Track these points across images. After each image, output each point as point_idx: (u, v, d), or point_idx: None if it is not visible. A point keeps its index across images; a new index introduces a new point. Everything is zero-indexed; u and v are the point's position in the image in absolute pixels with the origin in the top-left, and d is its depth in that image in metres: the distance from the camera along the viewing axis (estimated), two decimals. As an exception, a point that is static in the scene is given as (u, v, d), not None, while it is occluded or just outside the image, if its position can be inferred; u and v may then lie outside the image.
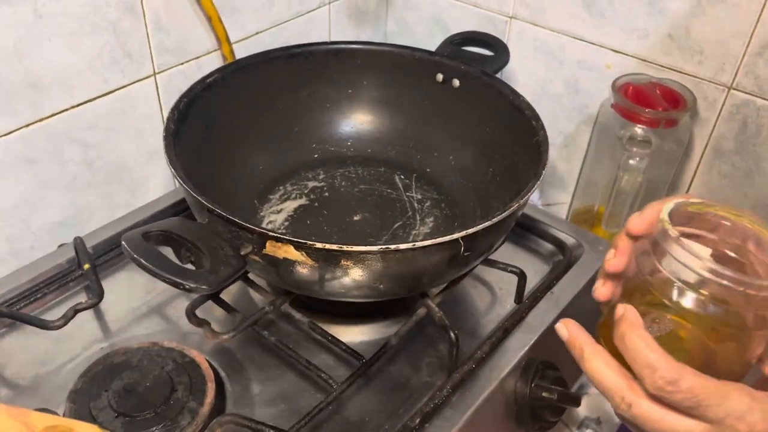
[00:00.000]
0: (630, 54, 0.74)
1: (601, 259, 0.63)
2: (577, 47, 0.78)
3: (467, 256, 0.48)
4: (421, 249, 0.45)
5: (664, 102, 0.67)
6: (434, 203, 0.65)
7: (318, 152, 0.70)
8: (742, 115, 0.71)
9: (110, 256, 0.62)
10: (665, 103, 0.67)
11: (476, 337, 0.57)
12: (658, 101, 0.67)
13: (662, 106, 0.67)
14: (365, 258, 0.45)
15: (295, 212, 0.63)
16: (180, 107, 0.56)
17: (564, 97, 0.82)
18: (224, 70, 0.62)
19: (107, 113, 0.66)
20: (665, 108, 0.67)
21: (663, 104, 0.67)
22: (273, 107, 0.66)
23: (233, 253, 0.43)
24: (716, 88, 0.71)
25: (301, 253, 0.44)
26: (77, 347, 0.54)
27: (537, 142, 0.55)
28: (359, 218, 0.63)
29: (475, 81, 0.64)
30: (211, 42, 0.72)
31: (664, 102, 0.67)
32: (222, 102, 0.62)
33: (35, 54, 0.58)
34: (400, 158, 0.69)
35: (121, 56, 0.65)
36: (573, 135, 0.84)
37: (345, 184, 0.67)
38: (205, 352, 0.53)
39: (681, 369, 0.34)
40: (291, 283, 0.49)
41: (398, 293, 0.51)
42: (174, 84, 0.70)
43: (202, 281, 0.40)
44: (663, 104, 0.67)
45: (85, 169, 0.67)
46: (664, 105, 0.67)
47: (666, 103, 0.67)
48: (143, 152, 0.71)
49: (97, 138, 0.66)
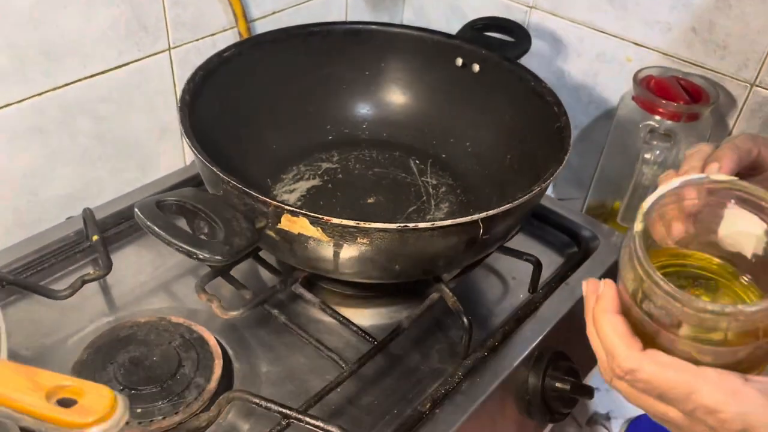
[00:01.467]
0: (652, 47, 0.73)
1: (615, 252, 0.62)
2: (597, 39, 0.77)
3: (485, 240, 0.47)
4: (440, 229, 0.44)
5: (686, 95, 0.66)
6: (449, 189, 0.64)
7: (333, 134, 0.69)
8: (764, 112, 0.70)
9: (119, 229, 0.61)
10: (687, 96, 0.66)
11: (488, 326, 0.56)
12: (680, 95, 0.66)
13: (684, 100, 0.66)
14: (382, 236, 0.44)
15: (308, 192, 0.62)
16: (196, 80, 0.55)
17: (581, 90, 0.81)
18: (242, 45, 0.61)
19: (120, 86, 0.65)
20: (687, 101, 0.65)
21: (685, 98, 0.66)
22: (289, 86, 0.65)
23: (248, 226, 0.42)
24: (738, 84, 0.70)
25: (317, 228, 0.43)
26: (84, 319, 0.53)
27: (559, 128, 0.54)
28: (372, 201, 0.62)
29: (496, 66, 0.63)
30: (227, 19, 0.71)
31: (686, 95, 0.66)
32: (238, 77, 0.61)
33: (50, 21, 0.57)
34: (415, 143, 0.68)
35: (137, 28, 0.64)
36: (589, 129, 0.83)
37: (359, 166, 0.66)
38: (212, 330, 0.52)
39: (641, 358, 0.32)
40: (304, 260, 0.48)
41: (413, 275, 0.50)
42: (188, 60, 0.69)
43: (216, 251, 0.39)
44: (685, 98, 0.66)
45: (96, 142, 0.66)
46: (686, 98, 0.66)
47: (688, 97, 0.66)
48: (155, 128, 0.70)
49: (110, 111, 0.65)
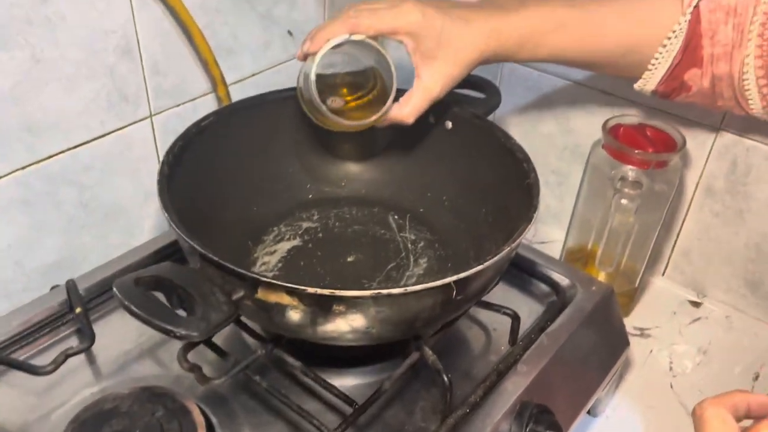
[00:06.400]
0: (620, 95, 0.76)
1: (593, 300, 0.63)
2: (568, 88, 0.79)
3: (459, 300, 0.48)
4: (413, 293, 0.45)
5: (654, 143, 0.68)
6: (428, 244, 0.66)
7: (312, 192, 0.70)
8: (732, 154, 0.72)
9: (103, 298, 0.61)
10: (655, 144, 0.68)
11: (471, 380, 0.57)
12: (649, 142, 0.68)
13: (652, 148, 0.68)
14: (358, 302, 0.45)
15: (288, 253, 0.63)
16: (175, 150, 0.57)
17: (556, 136, 0.83)
18: (219, 114, 0.63)
19: (103, 155, 0.66)
20: (655, 149, 0.67)
21: (653, 145, 0.68)
22: (268, 149, 0.67)
23: (225, 299, 0.43)
24: (705, 128, 0.72)
25: (293, 298, 0.44)
26: (67, 392, 0.54)
27: (528, 185, 0.56)
28: (353, 259, 0.63)
29: (467, 123, 0.65)
30: (207, 84, 0.73)
31: (654, 143, 0.68)
32: (217, 144, 0.62)
33: (32, 98, 0.59)
34: (393, 198, 0.70)
35: (118, 99, 0.65)
36: (566, 174, 0.85)
37: (339, 224, 0.67)
38: (197, 396, 0.53)
39: None
40: (283, 327, 0.49)
41: (391, 337, 0.51)
42: (170, 125, 0.71)
43: (192, 328, 0.40)
44: (653, 145, 0.68)
45: (81, 210, 0.67)
46: (655, 146, 0.68)
47: (656, 145, 0.68)
48: (139, 193, 0.72)
49: (93, 179, 0.67)
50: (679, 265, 0.82)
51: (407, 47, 0.56)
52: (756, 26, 0.54)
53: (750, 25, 0.54)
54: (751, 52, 0.55)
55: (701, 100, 0.61)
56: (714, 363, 0.73)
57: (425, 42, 0.55)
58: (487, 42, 0.57)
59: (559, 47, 0.60)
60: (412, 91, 0.58)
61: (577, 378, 0.60)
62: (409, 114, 0.58)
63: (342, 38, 0.54)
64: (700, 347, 0.75)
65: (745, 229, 0.74)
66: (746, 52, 0.55)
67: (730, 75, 0.57)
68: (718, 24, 0.56)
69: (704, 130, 0.72)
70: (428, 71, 0.56)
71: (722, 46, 0.56)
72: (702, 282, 0.81)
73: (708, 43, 0.56)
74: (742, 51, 0.55)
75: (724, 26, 0.56)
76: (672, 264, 0.82)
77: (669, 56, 0.58)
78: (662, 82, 0.60)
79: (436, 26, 0.55)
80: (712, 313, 0.79)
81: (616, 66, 0.62)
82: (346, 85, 0.61)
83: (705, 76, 0.58)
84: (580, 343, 0.60)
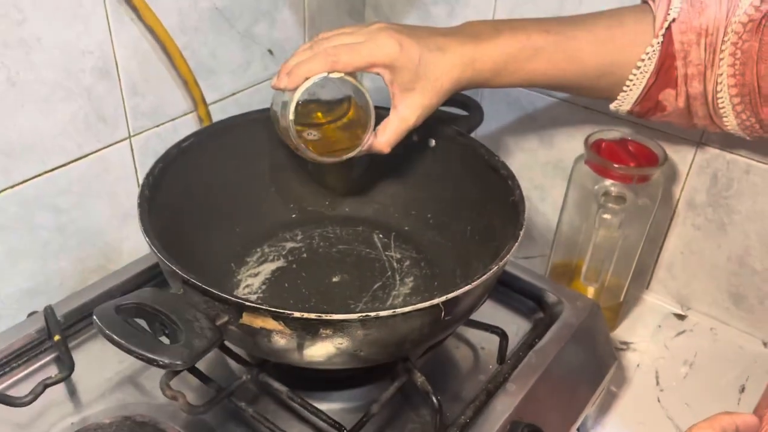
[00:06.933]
0: (600, 110, 0.76)
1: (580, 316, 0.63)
2: (549, 104, 0.80)
3: (448, 320, 0.48)
4: (401, 315, 0.44)
5: (636, 158, 0.68)
6: (413, 262, 0.65)
7: (296, 212, 0.69)
8: (713, 168, 0.72)
9: (83, 324, 0.60)
10: (637, 158, 0.68)
11: (460, 400, 0.56)
12: (631, 157, 0.69)
13: (634, 162, 0.68)
14: (345, 326, 0.44)
15: (272, 275, 0.62)
16: (155, 172, 0.56)
17: (538, 151, 0.84)
18: (200, 135, 0.62)
19: (80, 178, 0.65)
20: (638, 163, 0.68)
21: (635, 160, 0.68)
22: (250, 168, 0.66)
23: (209, 325, 0.42)
24: (686, 142, 0.73)
25: (279, 322, 0.43)
26: (47, 423, 0.52)
27: (514, 202, 0.55)
28: (338, 280, 0.63)
29: (451, 141, 0.65)
30: (187, 104, 0.72)
31: (636, 158, 0.68)
32: (198, 165, 0.61)
33: (8, 121, 0.57)
34: (378, 217, 0.69)
35: (95, 121, 0.64)
36: (549, 189, 0.85)
37: (323, 244, 0.67)
38: (181, 424, 0.51)
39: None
40: (269, 352, 0.48)
41: (379, 359, 0.50)
42: (149, 146, 0.70)
43: (176, 357, 0.39)
44: (635, 160, 0.68)
45: (57, 234, 0.65)
46: (637, 160, 0.68)
47: (638, 159, 0.68)
48: (117, 215, 0.70)
49: (70, 203, 0.65)
50: (662, 279, 0.82)
51: (384, 79, 0.56)
52: (728, 45, 0.55)
53: (722, 44, 0.55)
54: (723, 71, 0.56)
55: (677, 120, 0.62)
56: (700, 376, 0.73)
57: (402, 74, 0.55)
58: (463, 71, 0.57)
59: (536, 73, 0.60)
60: (388, 121, 0.57)
61: (566, 395, 0.60)
62: (386, 143, 0.58)
63: (320, 77, 0.54)
64: (686, 360, 0.75)
65: (728, 241, 0.75)
66: (719, 71, 0.56)
67: (704, 94, 0.58)
68: (690, 45, 0.56)
69: (685, 145, 0.73)
70: (404, 102, 0.56)
71: (695, 66, 0.57)
72: (686, 295, 0.81)
73: (681, 63, 0.57)
74: (715, 70, 0.56)
75: (696, 47, 0.56)
76: (656, 277, 0.82)
77: (643, 77, 0.58)
78: (637, 102, 0.60)
79: (413, 58, 0.55)
80: (696, 326, 0.79)
81: (592, 88, 0.62)
82: (320, 109, 0.61)
83: (680, 96, 0.59)
84: (569, 359, 0.60)
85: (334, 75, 0.55)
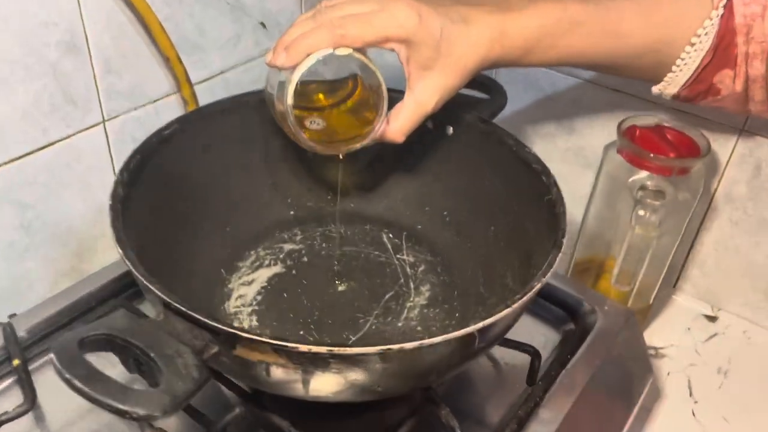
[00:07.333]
0: (630, 93, 0.69)
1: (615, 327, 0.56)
2: (572, 85, 0.72)
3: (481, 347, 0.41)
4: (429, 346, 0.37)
5: (675, 147, 0.61)
6: (429, 267, 0.58)
7: (294, 208, 0.62)
8: (755, 158, 0.66)
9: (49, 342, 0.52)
10: (677, 148, 0.61)
11: (485, 426, 0.49)
12: (669, 146, 0.61)
13: (674, 152, 0.61)
14: (361, 360, 0.36)
15: (268, 283, 0.55)
16: (131, 167, 0.48)
17: (558, 137, 0.77)
18: (185, 120, 0.54)
19: (47, 168, 0.58)
20: (678, 154, 0.61)
21: (675, 149, 0.61)
22: (242, 159, 0.58)
23: (194, 361, 0.34)
24: (727, 129, 0.66)
25: (281, 356, 0.36)
26: (4, 462, 0.45)
27: (550, 202, 0.48)
28: (344, 288, 0.55)
29: (471, 128, 0.57)
30: (169, 84, 0.64)
31: (675, 147, 0.61)
32: (182, 155, 0.54)
33: (-43, 106, 0.49)
34: (387, 214, 0.62)
35: (63, 102, 0.57)
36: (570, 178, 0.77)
37: (326, 246, 0.59)
38: (163, 461, 0.44)
39: None
40: (268, 385, 0.41)
41: (398, 393, 0.43)
42: (127, 131, 0.63)
43: (155, 406, 0.31)
44: (675, 149, 0.61)
45: (22, 232, 0.58)
46: (676, 150, 0.61)
47: (678, 149, 0.61)
48: (91, 209, 0.63)
49: (36, 196, 0.58)
50: (692, 277, 0.76)
51: (399, 56, 0.47)
52: None
53: None
54: None
55: (730, 105, 0.55)
56: (735, 384, 0.67)
57: (421, 50, 0.47)
58: (490, 49, 0.49)
59: (571, 50, 0.52)
60: (402, 105, 0.49)
61: (603, 418, 0.53)
62: (399, 131, 0.50)
63: (324, 53, 0.46)
64: (720, 367, 0.69)
65: None
66: None
67: (765, 76, 0.51)
68: (754, 18, 0.50)
69: (725, 132, 0.66)
70: (422, 83, 0.48)
71: (758, 44, 0.50)
72: (717, 294, 0.75)
73: (742, 40, 0.51)
74: None
75: (761, 20, 0.50)
76: (684, 276, 0.76)
77: (698, 56, 0.51)
78: (687, 85, 0.53)
79: (434, 32, 0.47)
80: (728, 329, 0.73)
81: (633, 68, 0.55)
82: (321, 89, 0.52)
83: (738, 78, 0.52)
84: (605, 378, 0.53)
85: (341, 51, 0.46)
